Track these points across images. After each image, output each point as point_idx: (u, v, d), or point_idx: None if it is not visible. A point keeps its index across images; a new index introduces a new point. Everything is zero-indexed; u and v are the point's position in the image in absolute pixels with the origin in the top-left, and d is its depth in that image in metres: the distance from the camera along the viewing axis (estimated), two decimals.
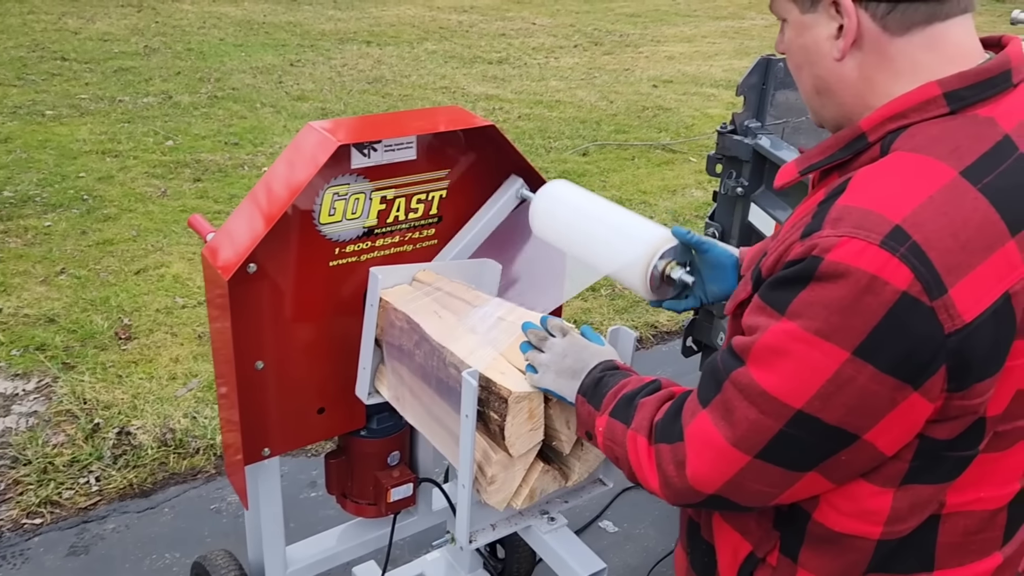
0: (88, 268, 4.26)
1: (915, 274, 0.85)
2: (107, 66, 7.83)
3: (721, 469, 0.99)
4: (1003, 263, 0.88)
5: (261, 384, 1.71)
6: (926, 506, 1.00)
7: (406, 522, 2.17)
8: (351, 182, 1.66)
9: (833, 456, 0.95)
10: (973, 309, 0.86)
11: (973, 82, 0.93)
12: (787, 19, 1.03)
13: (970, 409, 0.92)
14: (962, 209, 0.88)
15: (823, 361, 0.89)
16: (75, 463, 2.96)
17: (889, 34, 0.95)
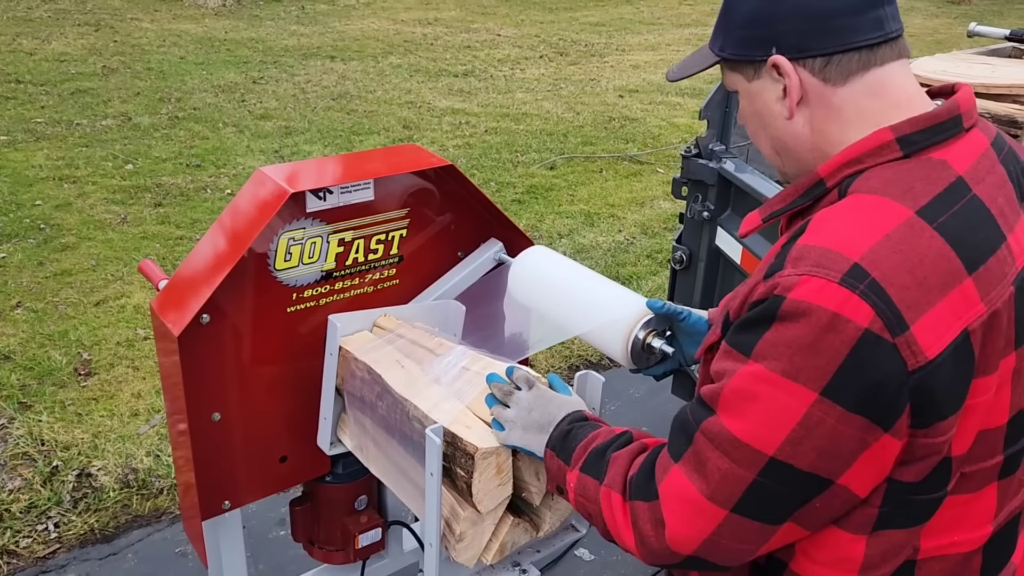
0: (45, 301, 4.14)
1: (876, 311, 0.86)
2: (63, 88, 7.67)
3: (698, 527, 0.97)
4: (961, 301, 0.89)
5: (219, 436, 1.65)
6: (899, 552, 0.99)
7: (377, 565, 2.11)
8: (307, 226, 1.61)
9: (808, 504, 0.94)
10: (935, 346, 0.87)
11: (924, 127, 0.96)
12: (738, 90, 1.08)
13: (935, 448, 0.92)
14: (918, 247, 0.89)
15: (791, 403, 0.89)
16: (33, 509, 2.86)
17: (831, 86, 0.98)
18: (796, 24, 0.97)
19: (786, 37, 0.98)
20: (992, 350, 0.92)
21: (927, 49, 10.65)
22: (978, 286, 0.91)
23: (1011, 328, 0.95)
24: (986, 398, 0.94)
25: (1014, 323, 0.95)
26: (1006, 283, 0.93)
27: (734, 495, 0.94)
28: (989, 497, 1.02)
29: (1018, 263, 0.96)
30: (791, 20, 0.97)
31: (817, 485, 0.92)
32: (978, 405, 0.93)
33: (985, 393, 0.93)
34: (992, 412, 0.96)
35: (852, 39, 0.96)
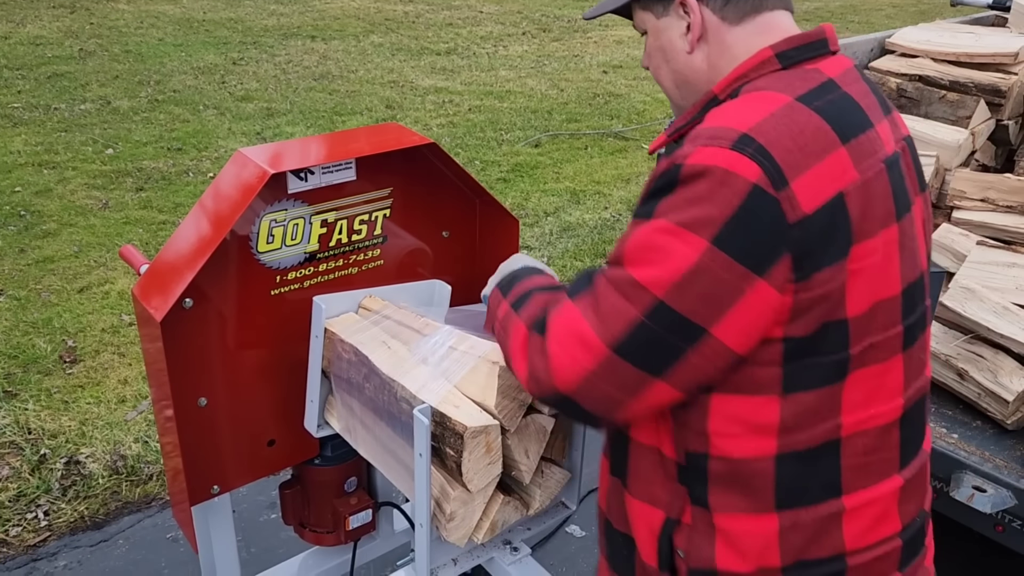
0: (28, 288, 4.10)
1: (762, 169, 0.97)
2: (40, 72, 7.55)
3: (581, 361, 1.04)
4: (836, 166, 1.01)
5: (205, 421, 1.64)
6: (816, 420, 1.04)
7: (368, 546, 2.12)
8: (288, 207, 1.59)
9: (682, 356, 1.01)
10: (812, 202, 0.98)
11: (799, 44, 1.11)
12: (647, 30, 1.21)
13: (816, 300, 1.00)
14: (798, 121, 1.02)
15: (686, 251, 0.98)
16: (21, 497, 2.85)
17: (728, 24, 1.13)
18: None
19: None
20: (871, 216, 1.02)
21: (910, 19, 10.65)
22: (851, 155, 1.03)
23: (888, 201, 1.05)
24: (872, 263, 1.03)
25: (891, 197, 1.06)
26: (877, 159, 1.05)
27: (619, 332, 1.01)
28: (896, 369, 1.09)
29: (887, 148, 1.08)
30: None
31: (693, 333, 1.00)
32: (865, 270, 1.02)
33: (869, 257, 1.02)
34: (884, 281, 1.05)
35: None
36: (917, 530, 1.17)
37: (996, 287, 2.20)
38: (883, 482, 1.10)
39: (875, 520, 1.11)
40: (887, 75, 2.97)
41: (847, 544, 1.09)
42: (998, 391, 2.06)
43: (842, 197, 1.00)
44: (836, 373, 1.04)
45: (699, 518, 1.10)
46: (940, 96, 2.81)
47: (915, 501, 1.16)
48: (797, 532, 1.07)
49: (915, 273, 1.10)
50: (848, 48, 2.97)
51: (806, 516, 1.07)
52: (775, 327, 1.01)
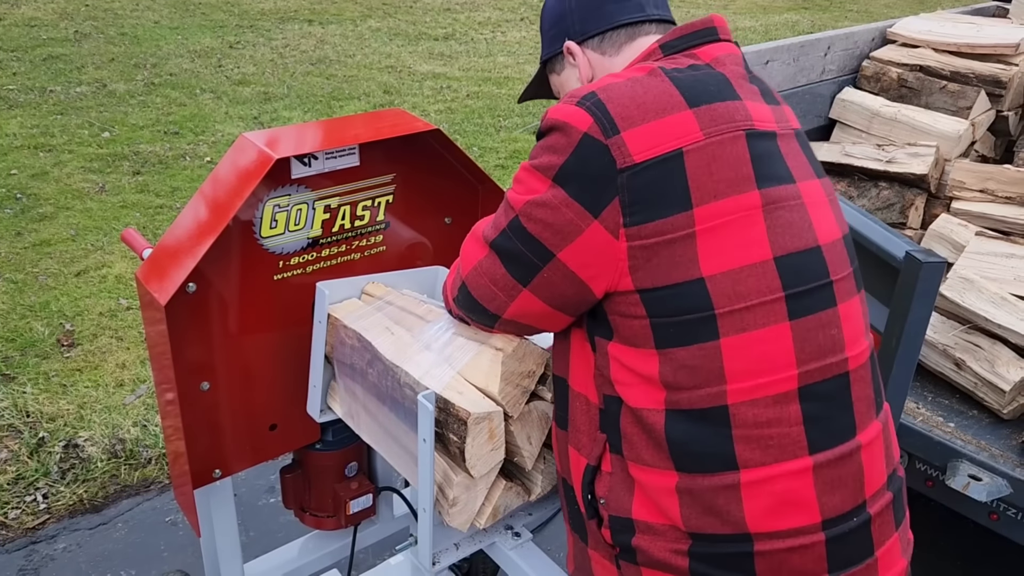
0: (25, 272, 4.09)
1: (594, 119, 1.09)
2: (35, 54, 7.50)
3: (474, 252, 1.24)
4: (678, 126, 1.08)
5: (208, 405, 1.64)
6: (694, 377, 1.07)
7: (368, 530, 2.13)
8: (292, 193, 1.59)
9: (538, 273, 1.15)
10: (644, 153, 1.07)
11: (683, 34, 1.21)
12: (555, 87, 1.39)
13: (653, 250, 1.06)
14: (648, 85, 1.12)
15: (535, 184, 1.14)
16: (20, 480, 2.85)
17: (609, 57, 1.27)
18: (577, 14, 1.29)
19: (572, 26, 1.30)
20: (718, 178, 1.08)
21: (909, 8, 10.63)
22: (698, 119, 1.09)
23: (745, 167, 1.10)
24: (724, 224, 1.07)
25: (749, 164, 1.10)
26: (735, 128, 1.11)
27: (495, 235, 1.19)
28: (783, 338, 1.09)
29: (755, 123, 1.13)
30: (574, 12, 1.29)
31: (542, 253, 1.13)
32: (717, 231, 1.07)
33: (719, 219, 1.07)
34: (746, 246, 1.08)
35: (617, 18, 1.27)
36: (853, 531, 1.11)
37: (994, 277, 2.21)
38: (784, 461, 1.08)
39: (780, 502, 1.08)
40: (888, 65, 2.97)
41: (749, 523, 1.07)
42: (995, 381, 2.07)
43: (680, 154, 1.07)
44: (705, 332, 1.07)
45: (618, 466, 1.15)
46: (941, 86, 2.82)
47: (844, 495, 1.11)
48: (694, 498, 1.08)
49: (799, 244, 1.11)
50: (850, 38, 2.97)
51: (703, 483, 1.08)
52: (622, 277, 1.09)
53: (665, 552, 1.11)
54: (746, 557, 1.08)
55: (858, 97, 2.94)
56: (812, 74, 2.87)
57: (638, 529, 1.13)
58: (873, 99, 2.92)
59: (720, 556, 1.09)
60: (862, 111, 2.91)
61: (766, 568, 1.08)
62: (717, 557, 1.09)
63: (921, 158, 2.63)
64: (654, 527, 1.12)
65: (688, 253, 1.06)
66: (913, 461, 2.11)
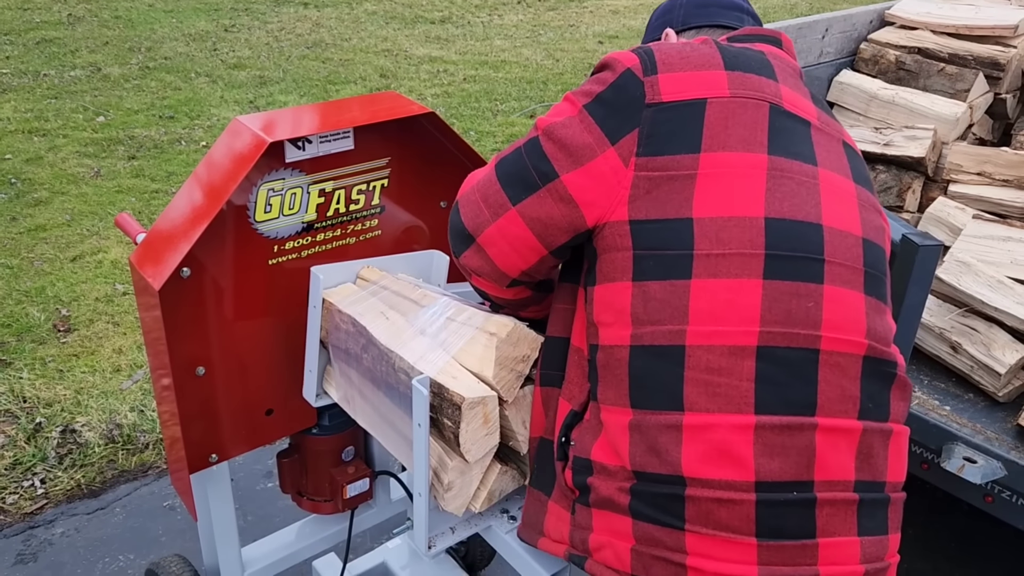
0: (20, 257, 4.08)
1: (640, 60, 1.19)
2: (28, 37, 7.44)
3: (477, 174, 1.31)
4: (710, 81, 1.16)
5: (203, 390, 1.64)
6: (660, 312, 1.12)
7: (365, 514, 2.13)
8: (286, 177, 1.58)
9: (534, 193, 1.20)
10: (672, 94, 1.15)
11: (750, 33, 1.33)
12: None
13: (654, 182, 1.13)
14: (696, 47, 1.21)
15: (568, 108, 1.21)
16: (17, 465, 2.86)
17: None
18: (685, 10, 1.43)
19: (676, 18, 1.43)
20: (732, 133, 1.14)
21: None
22: (730, 81, 1.17)
23: (761, 133, 1.15)
24: (724, 174, 1.12)
25: (765, 131, 1.16)
26: (762, 98, 1.17)
27: (505, 154, 1.25)
28: (752, 292, 1.10)
29: (784, 104, 1.19)
30: (683, 7, 1.44)
31: (546, 173, 1.19)
32: (716, 178, 1.12)
33: (721, 168, 1.12)
34: (740, 199, 1.12)
35: (715, 20, 1.40)
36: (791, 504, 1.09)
37: (991, 261, 2.21)
38: (728, 413, 1.08)
39: (715, 451, 1.08)
40: (886, 47, 2.95)
41: (684, 467, 1.09)
42: (991, 364, 2.08)
43: (703, 103, 1.15)
44: (680, 269, 1.11)
45: (594, 413, 1.20)
46: (939, 69, 2.80)
47: (785, 464, 1.09)
48: (642, 435, 1.12)
49: (799, 215, 1.14)
50: (848, 20, 2.95)
51: (651, 419, 1.12)
52: (619, 206, 1.15)
53: (612, 490, 1.15)
54: (678, 500, 1.10)
55: (856, 80, 2.93)
56: (810, 56, 2.85)
57: (595, 470, 1.18)
58: (871, 82, 2.90)
59: (656, 496, 1.12)
60: (859, 94, 2.89)
61: (695, 514, 1.09)
62: (653, 497, 1.12)
63: (918, 141, 2.62)
64: (608, 467, 1.16)
65: (685, 192, 1.12)
66: (909, 444, 2.12)
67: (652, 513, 1.12)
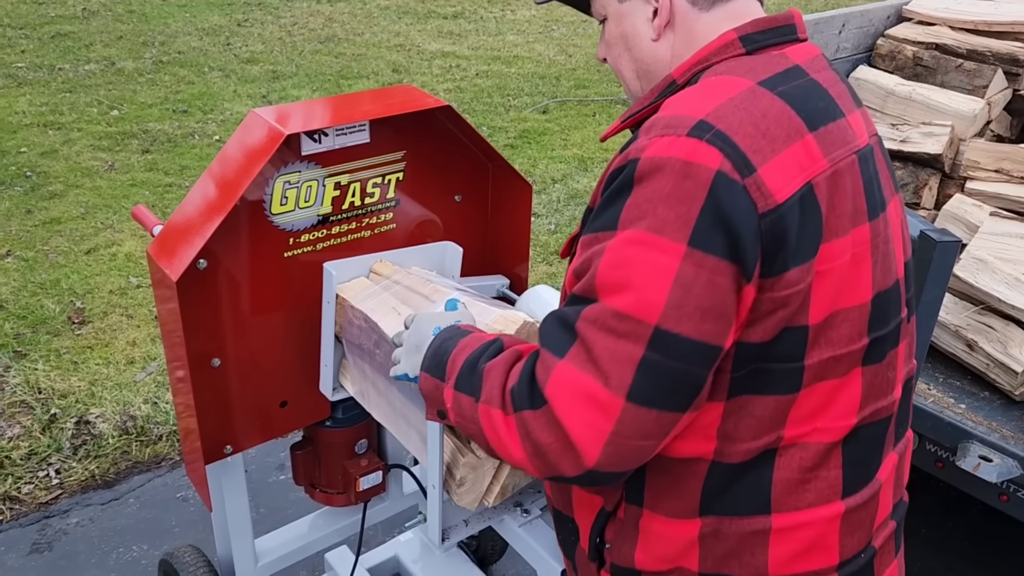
0: (36, 249, 4.10)
1: (724, 154, 0.88)
2: (44, 31, 7.48)
3: (598, 424, 0.89)
4: (804, 153, 0.92)
5: (219, 381, 1.64)
6: (761, 426, 0.96)
7: (378, 507, 2.14)
8: (302, 169, 1.58)
9: (704, 384, 0.91)
10: (783, 191, 0.89)
11: (765, 28, 1.03)
12: (607, 15, 1.11)
13: (779, 303, 0.90)
14: (760, 105, 0.93)
15: (663, 260, 0.87)
16: (33, 456, 2.88)
17: (698, 9, 1.04)
18: None
19: None
20: (841, 212, 0.94)
21: None
22: (820, 143, 0.94)
23: (860, 197, 0.97)
24: (840, 265, 0.94)
25: (862, 193, 0.97)
26: (848, 150, 0.97)
27: (626, 378, 0.88)
28: (854, 384, 0.99)
29: (859, 140, 1.00)
30: None
31: (708, 356, 0.89)
32: (832, 272, 0.93)
33: (838, 259, 0.93)
34: (852, 287, 0.96)
35: None
36: (861, 568, 1.06)
37: (1009, 258, 2.19)
38: (821, 506, 1.01)
39: (807, 547, 1.01)
40: (903, 43, 2.93)
41: (770, 568, 1.01)
42: (1007, 362, 2.06)
43: (811, 188, 0.91)
44: (788, 384, 0.95)
45: (630, 515, 1.06)
46: (957, 65, 2.78)
47: (860, 534, 1.06)
48: (719, 541, 1.01)
49: (888, 281, 1.01)
50: (865, 15, 2.93)
51: (730, 527, 1.00)
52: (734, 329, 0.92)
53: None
54: None
55: (872, 76, 2.91)
56: (826, 52, 2.84)
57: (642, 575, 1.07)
58: (888, 78, 2.88)
59: None
60: (876, 90, 2.87)
61: None
62: None
63: (935, 137, 2.60)
64: (658, 572, 1.05)
65: (802, 298, 0.91)
66: (923, 442, 2.10)
67: None
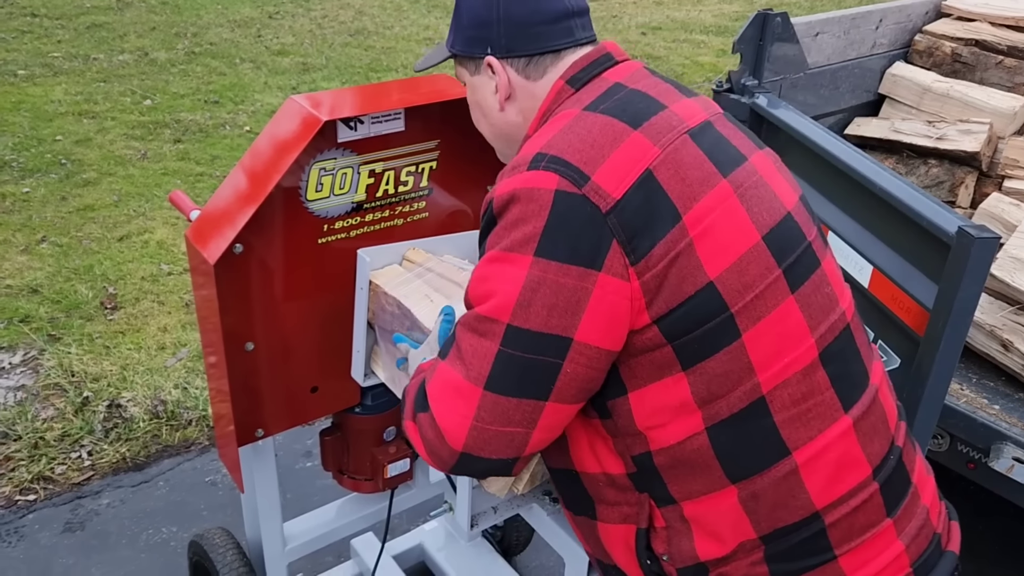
0: (70, 235, 4.17)
1: (559, 174, 1.03)
2: (79, 22, 7.59)
3: (460, 411, 1.04)
4: (635, 149, 1.05)
5: (252, 365, 1.66)
6: (730, 381, 1.04)
7: (405, 495, 2.15)
8: (338, 156, 1.59)
9: (559, 373, 1.02)
10: (619, 187, 1.02)
11: (584, 65, 1.18)
12: (465, 82, 1.29)
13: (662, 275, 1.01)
14: (585, 125, 1.08)
15: (513, 271, 1.02)
16: (66, 437, 2.93)
17: (532, 81, 1.20)
18: (504, 29, 1.18)
19: (497, 40, 1.19)
20: (691, 180, 1.05)
21: None
22: (647, 135, 1.07)
23: (706, 163, 1.08)
24: (711, 222, 1.04)
25: (707, 159, 1.08)
26: (676, 132, 1.09)
27: (484, 369, 1.02)
28: (793, 312, 1.08)
29: (689, 122, 1.11)
30: (501, 25, 1.18)
31: (557, 346, 1.01)
32: (709, 231, 1.04)
33: (706, 218, 1.04)
34: (736, 234, 1.06)
35: (546, 44, 1.19)
36: (894, 469, 1.14)
37: None
38: (830, 427, 1.08)
39: (836, 468, 1.08)
40: (941, 39, 2.89)
41: (815, 501, 1.07)
42: None
43: (651, 173, 1.03)
44: (728, 334, 1.04)
45: (671, 516, 1.11)
46: (997, 61, 2.74)
47: (881, 438, 1.13)
48: (759, 500, 1.07)
49: (775, 216, 1.10)
50: (902, 11, 2.89)
51: (762, 482, 1.06)
52: (638, 316, 1.02)
53: (743, 571, 1.09)
54: (820, 535, 1.08)
55: (909, 72, 2.87)
56: (862, 47, 2.80)
57: (711, 568, 1.11)
58: (925, 74, 2.84)
59: (797, 546, 1.08)
60: (913, 86, 2.84)
61: (840, 537, 1.09)
62: (794, 548, 1.08)
63: (973, 135, 2.57)
64: (725, 557, 1.09)
65: (692, 262, 1.02)
66: (955, 443, 2.08)
67: (798, 565, 1.09)
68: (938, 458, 2.11)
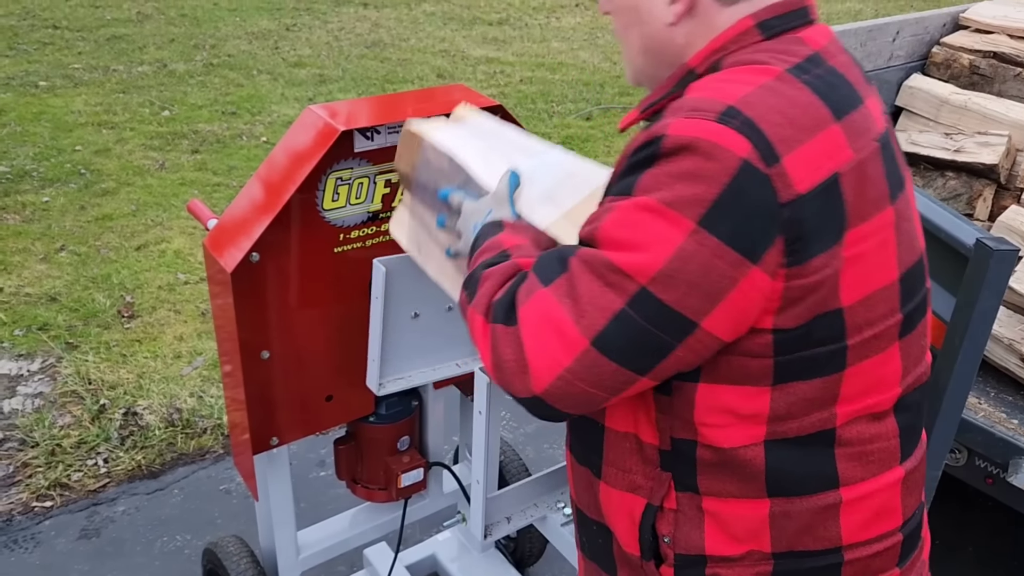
0: (88, 244, 4.21)
1: (751, 142, 0.89)
2: (100, 34, 7.69)
3: (556, 355, 0.94)
4: (830, 143, 0.93)
5: (267, 374, 1.67)
6: (810, 408, 0.99)
7: (418, 505, 2.15)
8: (354, 166, 1.61)
9: (670, 354, 0.93)
10: (806, 181, 0.90)
11: (781, 12, 1.01)
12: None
13: (809, 288, 0.93)
14: (788, 94, 0.94)
15: (669, 232, 0.89)
16: (83, 445, 2.95)
17: (720, 4, 1.01)
18: None
19: None
20: (867, 198, 0.96)
21: None
22: (846, 133, 0.95)
23: (882, 181, 0.98)
24: (867, 249, 0.96)
25: (884, 178, 0.99)
26: (870, 137, 0.98)
27: (598, 323, 0.92)
28: (895, 358, 1.04)
29: (878, 126, 1.01)
30: None
31: (680, 327, 0.92)
32: (861, 256, 0.96)
33: (863, 243, 0.96)
34: (881, 267, 0.99)
35: None
36: (916, 524, 1.13)
37: None
38: (884, 473, 1.05)
39: (876, 514, 1.06)
40: (959, 51, 2.88)
41: (844, 538, 1.05)
42: None
43: (837, 178, 0.93)
44: (832, 365, 0.98)
45: (686, 503, 1.05)
46: (1015, 74, 2.72)
47: (916, 493, 1.12)
48: (789, 520, 1.03)
49: (913, 256, 1.04)
50: (920, 23, 2.89)
51: (800, 505, 1.03)
52: (764, 316, 0.94)
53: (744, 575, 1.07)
54: (834, 569, 1.06)
55: (927, 84, 2.86)
56: (879, 60, 2.80)
57: (711, 562, 1.06)
58: (942, 86, 2.83)
59: (807, 572, 1.06)
60: (930, 99, 2.83)
61: (852, 573, 1.07)
62: (803, 573, 1.06)
63: (991, 147, 2.55)
64: (731, 558, 1.06)
65: (832, 283, 0.94)
66: (973, 457, 2.06)
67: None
68: (956, 473, 2.09)
